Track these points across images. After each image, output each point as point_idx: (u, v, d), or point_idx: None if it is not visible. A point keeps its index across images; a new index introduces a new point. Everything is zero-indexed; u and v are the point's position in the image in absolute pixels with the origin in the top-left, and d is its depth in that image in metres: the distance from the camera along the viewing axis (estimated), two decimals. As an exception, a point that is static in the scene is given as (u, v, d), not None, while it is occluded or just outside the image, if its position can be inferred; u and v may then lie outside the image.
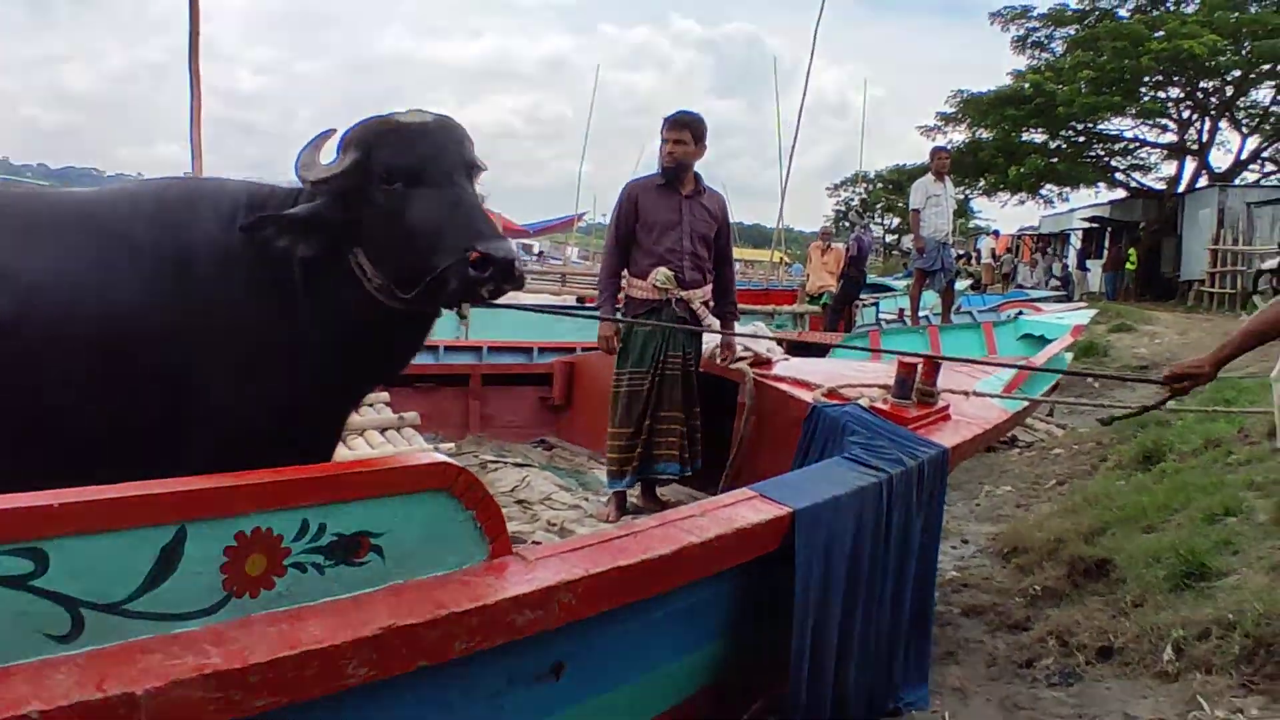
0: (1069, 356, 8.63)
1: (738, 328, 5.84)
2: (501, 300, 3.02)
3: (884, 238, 63.96)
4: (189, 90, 5.33)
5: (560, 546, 2.81)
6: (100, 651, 1.95)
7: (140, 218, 3.10)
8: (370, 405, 5.66)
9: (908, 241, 20.54)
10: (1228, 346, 3.28)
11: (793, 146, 14.08)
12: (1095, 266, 34.28)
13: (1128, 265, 30.28)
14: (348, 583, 2.31)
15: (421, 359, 6.50)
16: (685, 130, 5.27)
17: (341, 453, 4.87)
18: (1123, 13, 31.85)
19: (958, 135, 34.32)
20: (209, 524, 2.10)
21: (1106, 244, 34.82)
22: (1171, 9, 30.96)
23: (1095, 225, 36.33)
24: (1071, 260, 36.05)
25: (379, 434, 5.49)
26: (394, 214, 2.97)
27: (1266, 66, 28.53)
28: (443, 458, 2.53)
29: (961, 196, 38.40)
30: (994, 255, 37.05)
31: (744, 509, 3.25)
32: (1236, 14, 28.35)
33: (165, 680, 1.89)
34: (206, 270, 3.06)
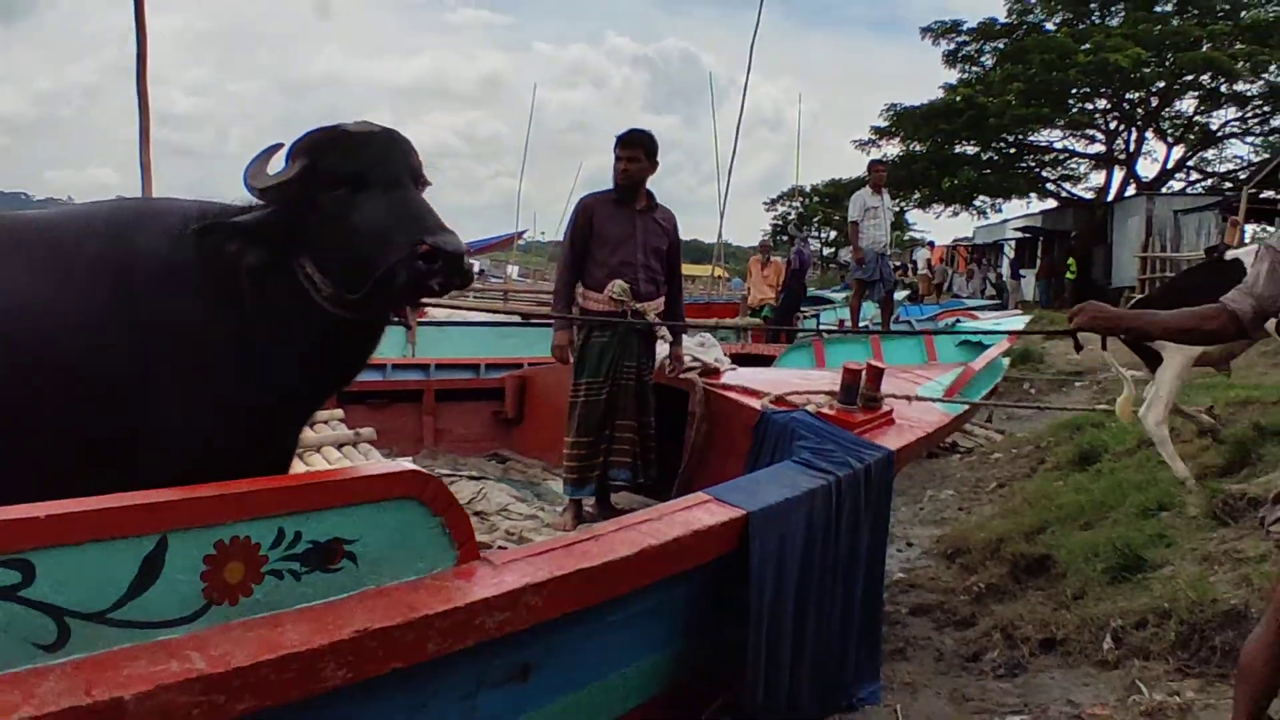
0: (1005, 361, 8.84)
1: (685, 340, 5.94)
2: (448, 303, 3.02)
3: (821, 251, 64.57)
4: (137, 113, 5.35)
5: (525, 551, 2.90)
6: (86, 659, 2.01)
7: (92, 235, 3.13)
8: (325, 422, 5.71)
9: (845, 254, 20.81)
10: (1141, 319, 3.40)
11: (731, 162, 14.34)
12: (1029, 275, 34.88)
13: (1068, 275, 30.79)
14: (323, 589, 2.38)
15: (371, 376, 6.60)
16: (638, 148, 5.40)
17: (298, 469, 4.92)
18: (1050, 26, 32.55)
19: (892, 149, 34.81)
20: (189, 534, 2.17)
21: (1039, 253, 35.44)
22: (1097, 22, 31.69)
23: (1028, 235, 36.93)
24: (1005, 270, 36.62)
25: (336, 450, 5.54)
26: (340, 218, 2.98)
27: (1189, 77, 29.30)
28: (412, 466, 2.61)
29: (897, 209, 38.94)
30: (930, 266, 37.55)
31: (700, 512, 3.36)
32: (1159, 27, 29.11)
33: (151, 685, 1.95)
34: (153, 285, 3.08)
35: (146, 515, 2.12)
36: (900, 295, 24.35)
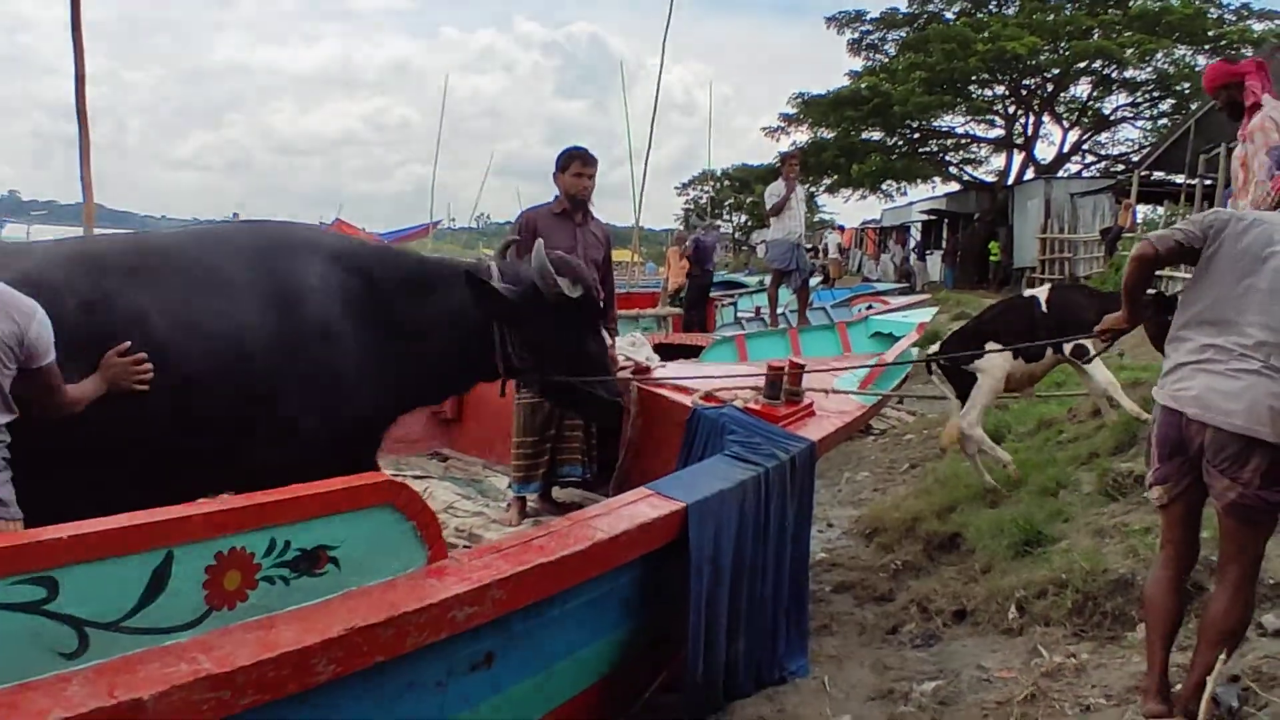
0: (915, 350, 9.23)
1: (616, 340, 6.16)
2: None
3: (734, 234, 65.08)
4: (78, 128, 5.43)
5: (488, 549, 3.15)
6: (106, 664, 2.23)
7: (243, 258, 3.71)
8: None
9: (757, 237, 21.08)
10: (1124, 306, 3.64)
11: (648, 148, 14.60)
12: (934, 257, 35.65)
13: (991, 258, 31.45)
14: (310, 592, 2.62)
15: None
16: (594, 167, 5.67)
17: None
18: (950, 16, 33.20)
19: (800, 135, 35.32)
20: (193, 547, 2.39)
21: (945, 235, 36.22)
22: (994, 12, 32.41)
23: (933, 217, 37.71)
24: (913, 252, 37.35)
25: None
26: (578, 339, 4.20)
27: (1082, 64, 30.12)
28: (388, 476, 2.85)
29: (808, 192, 39.49)
30: (840, 249, 38.18)
31: (643, 506, 3.63)
32: (1053, 16, 29.92)
33: (167, 685, 2.17)
34: (303, 303, 3.71)
35: (155, 532, 2.34)
36: (813, 281, 24.84)
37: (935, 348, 7.20)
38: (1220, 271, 3.19)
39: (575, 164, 5.62)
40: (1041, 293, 6.69)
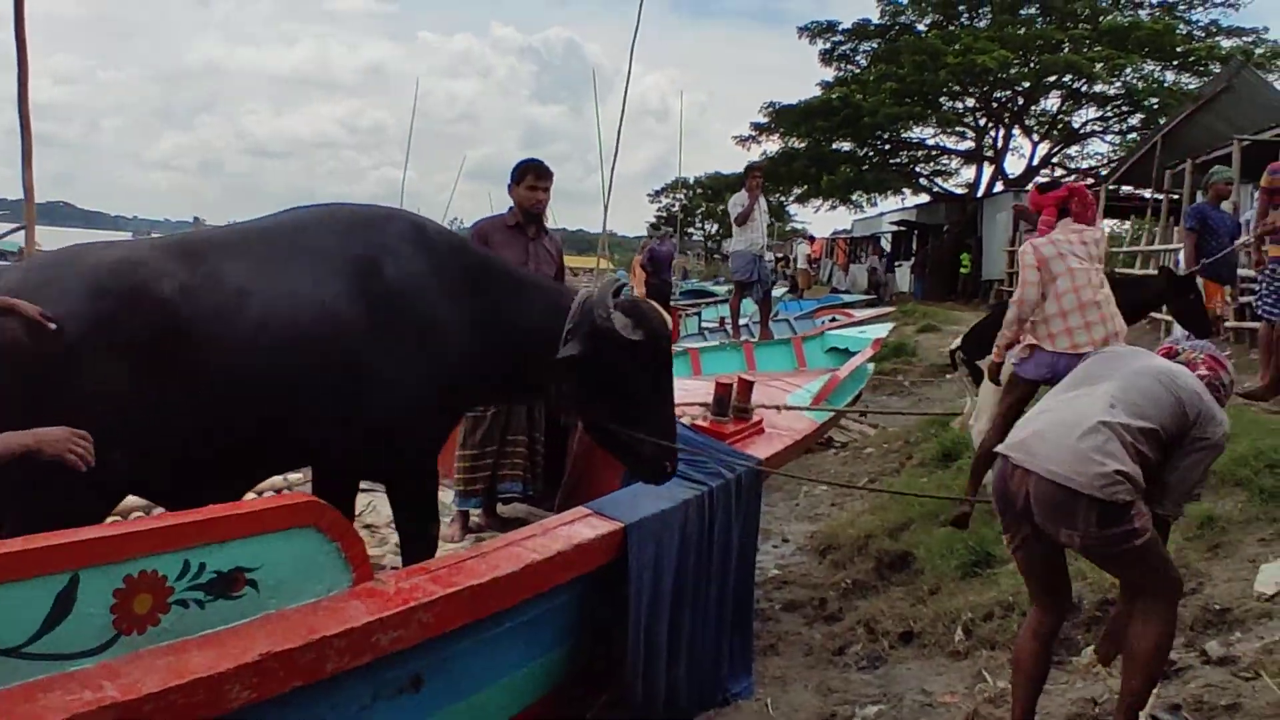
0: (871, 367, 9.22)
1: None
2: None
3: (705, 243, 65.19)
4: (19, 132, 5.34)
5: (416, 570, 3.10)
6: (4, 692, 2.15)
7: (335, 238, 3.83)
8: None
9: (728, 245, 21.08)
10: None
11: (615, 154, 14.54)
12: (903, 268, 35.78)
13: (962, 269, 31.60)
14: (226, 615, 2.55)
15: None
16: (549, 180, 5.63)
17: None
18: (921, 28, 33.33)
19: (771, 145, 35.42)
20: (100, 570, 2.32)
21: (914, 246, 36.36)
22: (966, 25, 32.61)
23: (903, 229, 37.87)
24: (875, 267, 37.44)
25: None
26: (636, 388, 4.06)
27: (1052, 78, 30.33)
28: (310, 497, 2.79)
29: (777, 202, 39.57)
30: (809, 260, 38.27)
31: (580, 526, 3.58)
32: (1023, 30, 30.12)
33: (67, 715, 2.11)
34: (392, 281, 3.82)
35: (60, 554, 2.26)
36: (780, 291, 24.87)
37: (958, 341, 6.98)
38: None
39: (529, 176, 5.56)
40: None
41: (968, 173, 35.82)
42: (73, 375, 3.17)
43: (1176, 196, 18.60)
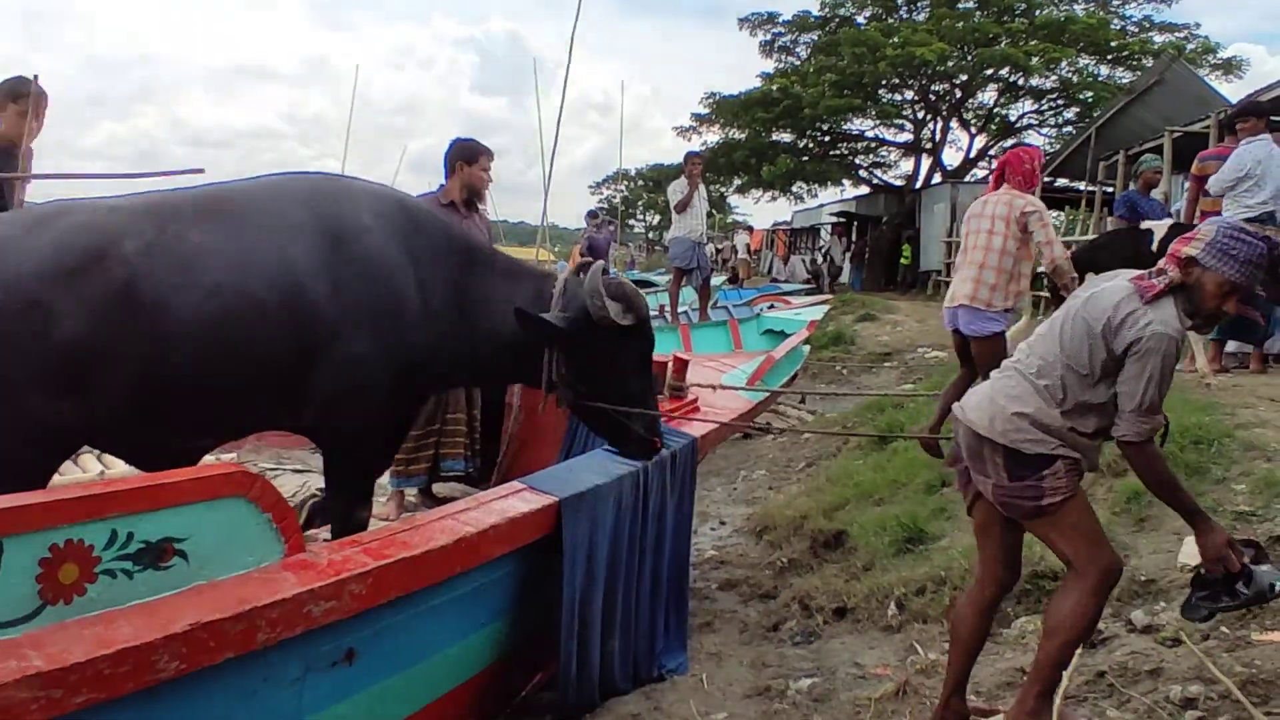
0: (806, 349, 9.28)
1: None
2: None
3: (647, 234, 65.24)
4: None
5: (348, 542, 3.08)
6: (-77, 662, 2.12)
7: (301, 207, 3.87)
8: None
9: (668, 236, 21.19)
10: None
11: (554, 145, 14.46)
12: (844, 258, 36.02)
13: (902, 260, 31.89)
14: (155, 586, 2.52)
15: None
16: (491, 160, 5.67)
17: (122, 468, 4.95)
18: (861, 20, 33.54)
19: (712, 136, 35.49)
20: (24, 539, 2.29)
21: (854, 237, 36.62)
22: (904, 18, 32.86)
23: (843, 220, 38.13)
24: (836, 252, 37.64)
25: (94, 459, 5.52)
26: (624, 370, 4.13)
27: (989, 71, 30.66)
28: (240, 466, 2.76)
29: (718, 193, 39.68)
30: (749, 250, 38.41)
31: (514, 500, 3.58)
32: (961, 23, 30.41)
33: (-9, 683, 2.08)
34: (356, 248, 3.86)
35: (-19, 522, 2.23)
36: (720, 280, 24.97)
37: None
38: None
39: (484, 158, 5.60)
40: (1160, 228, 6.62)
41: (906, 165, 36.14)
42: (34, 325, 3.34)
43: (1110, 188, 18.93)
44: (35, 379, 3.39)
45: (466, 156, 5.65)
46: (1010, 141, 34.85)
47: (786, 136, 34.10)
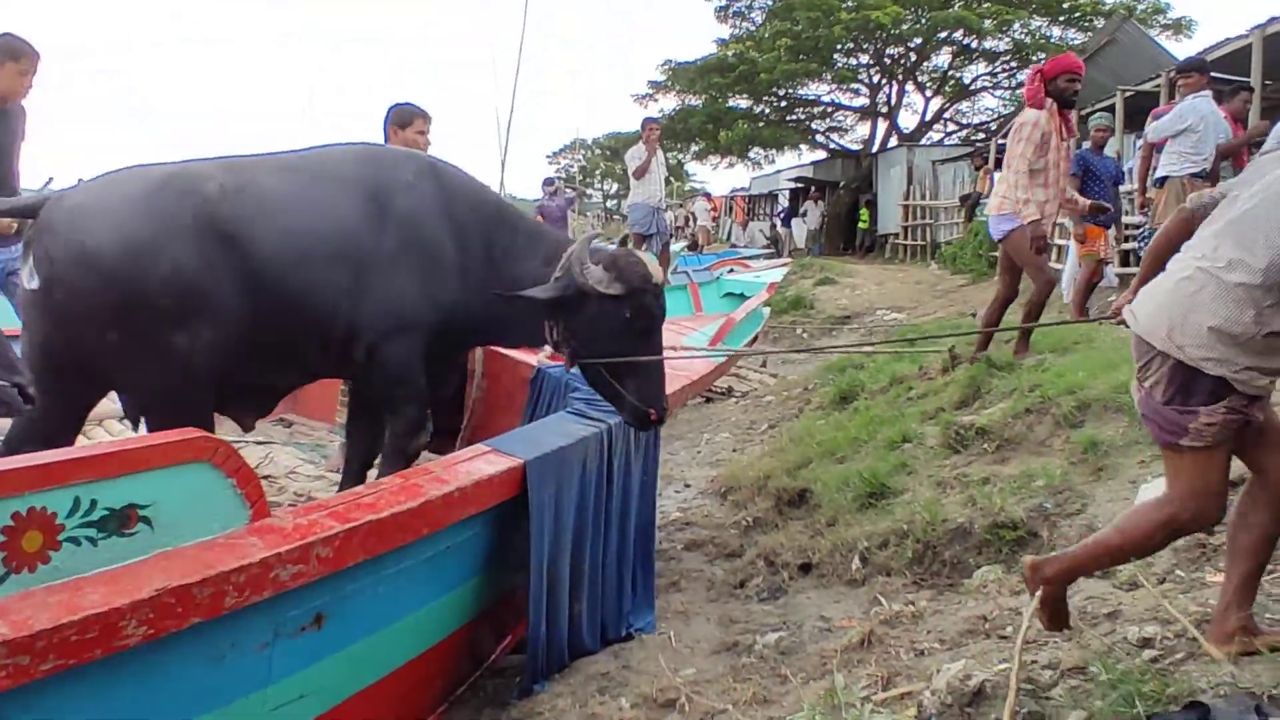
0: (766, 310, 9.33)
1: None
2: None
3: (605, 203, 65.10)
4: None
5: (314, 507, 3.07)
6: (-113, 632, 2.11)
7: (349, 165, 4.31)
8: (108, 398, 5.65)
9: (626, 204, 21.16)
10: (1141, 274, 3.15)
11: (510, 113, 14.29)
12: (800, 223, 36.11)
13: (860, 224, 32.03)
14: (120, 553, 2.51)
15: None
16: (429, 123, 5.67)
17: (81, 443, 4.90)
18: (815, -17, 33.60)
19: (668, 103, 35.44)
20: (-14, 506, 2.27)
21: (809, 201, 36.72)
22: (859, -20, 32.92)
23: (800, 185, 38.21)
24: (809, 217, 37.71)
25: (118, 422, 5.51)
26: (620, 338, 4.20)
27: (943, 34, 30.78)
28: (200, 431, 2.75)
29: (675, 160, 39.65)
30: (711, 216, 38.41)
31: (480, 462, 3.59)
32: (915, -15, 30.51)
33: (-46, 652, 2.07)
34: (398, 204, 4.25)
35: (-58, 490, 2.21)
36: (680, 246, 24.96)
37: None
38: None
39: (419, 121, 5.58)
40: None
41: (863, 129, 36.29)
42: (153, 267, 3.75)
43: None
44: (165, 315, 3.78)
45: (400, 121, 5.67)
46: (965, 104, 35.14)
47: (743, 102, 34.14)
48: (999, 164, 23.66)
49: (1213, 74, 9.28)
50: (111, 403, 5.70)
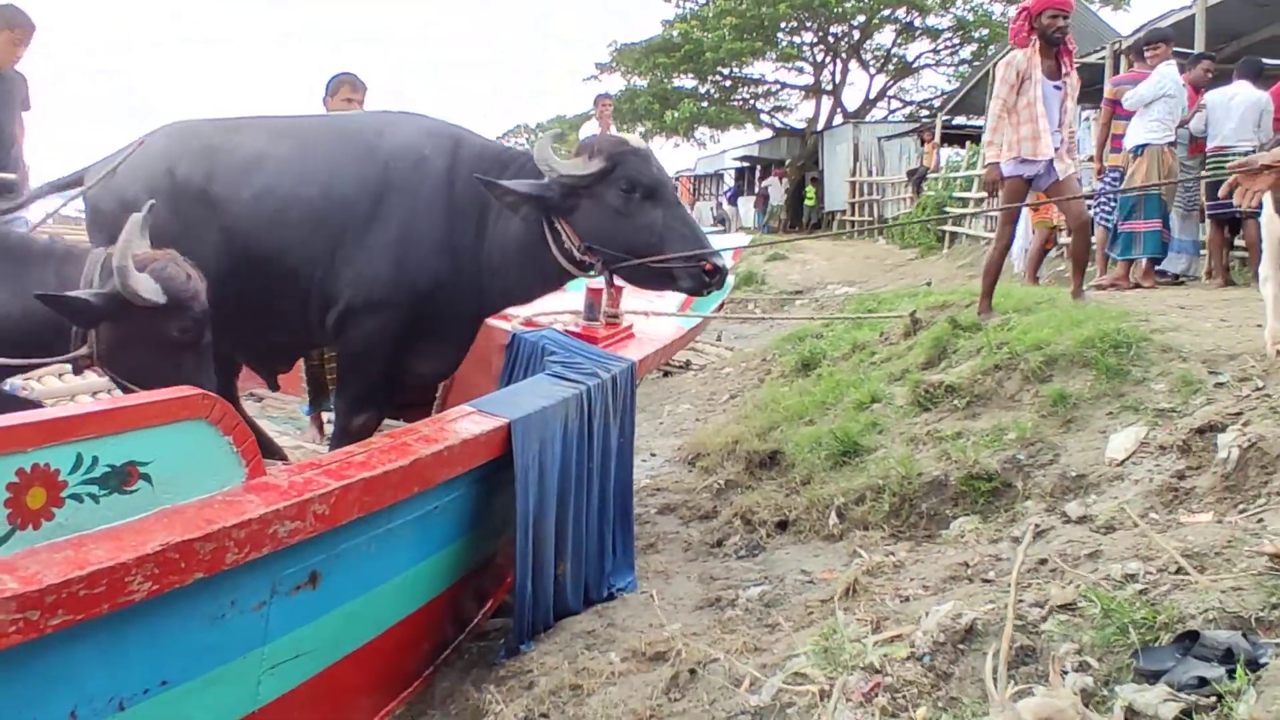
0: (732, 279, 9.35)
1: None
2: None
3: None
4: None
5: (307, 465, 3.07)
6: (-102, 588, 2.10)
7: (367, 133, 4.35)
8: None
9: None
10: None
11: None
12: (747, 202, 36.31)
13: (806, 202, 32.23)
14: (121, 510, 2.51)
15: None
16: (363, 92, 5.67)
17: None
18: (760, -38, 33.67)
19: (615, 84, 35.44)
20: (-9, 462, 2.26)
21: (757, 181, 36.89)
22: (804, -42, 33.05)
23: (746, 164, 38.38)
24: (772, 194, 37.80)
25: (89, 398, 5.46)
26: (631, 215, 4.03)
27: (887, 11, 31.03)
28: (198, 390, 2.74)
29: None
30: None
31: (465, 423, 3.60)
32: (858, -37, 30.72)
33: (-34, 607, 2.06)
34: (403, 171, 4.25)
35: (-54, 447, 2.20)
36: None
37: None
38: None
39: (344, 89, 5.62)
40: None
41: (808, 108, 36.47)
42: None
43: (1008, 122, 19.28)
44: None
45: (328, 90, 5.69)
46: (908, 81, 35.44)
47: (689, 82, 34.24)
48: (945, 139, 24.17)
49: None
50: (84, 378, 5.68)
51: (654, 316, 5.72)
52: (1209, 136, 8.89)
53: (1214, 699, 2.15)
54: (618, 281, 4.67)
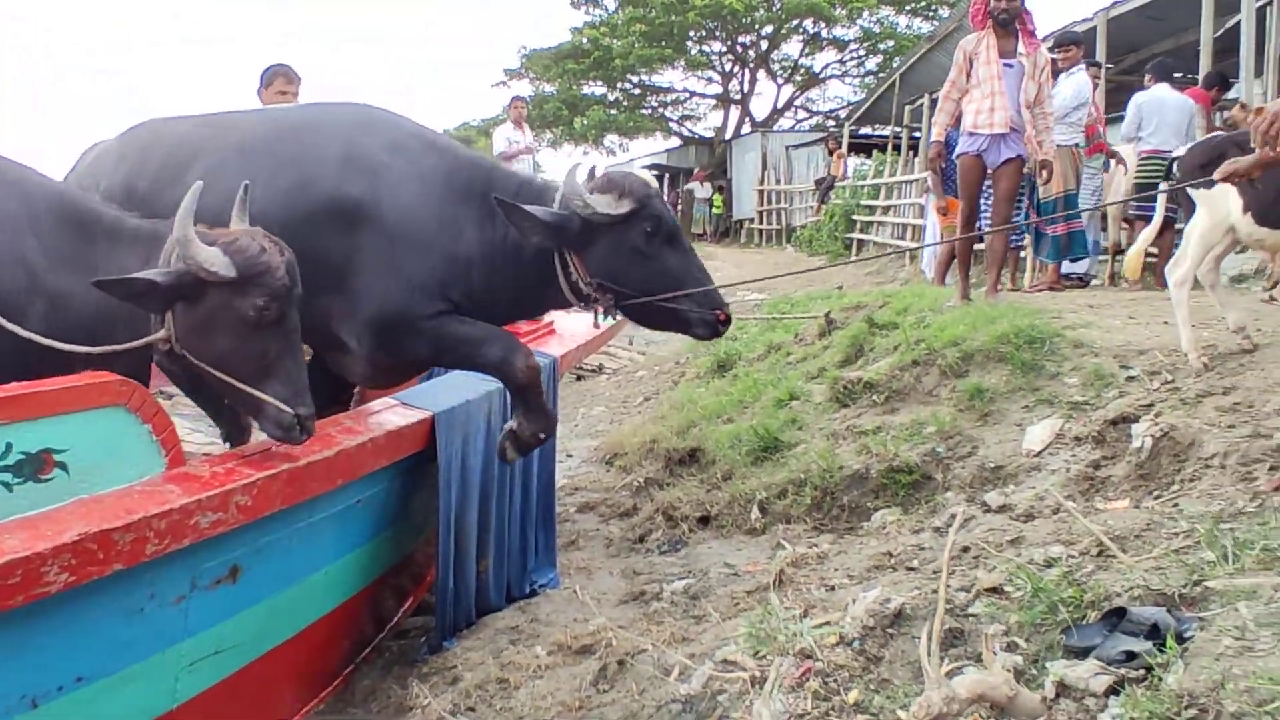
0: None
1: None
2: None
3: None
4: None
5: (229, 456, 3.01)
6: None
7: (336, 137, 3.92)
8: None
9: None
10: None
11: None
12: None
13: (714, 209, 32.38)
14: (36, 499, 2.42)
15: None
16: (297, 84, 5.59)
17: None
18: (668, -29, 33.87)
19: (523, 89, 35.33)
20: (-104, 449, 2.17)
21: (665, 190, 37.05)
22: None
23: (655, 173, 38.50)
24: (696, 196, 37.86)
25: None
26: (651, 257, 3.85)
27: (795, 22, 31.41)
28: (116, 375, 2.65)
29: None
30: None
31: (390, 415, 3.55)
32: (767, -27, 31.06)
33: (-128, 598, 1.98)
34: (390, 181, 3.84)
35: None
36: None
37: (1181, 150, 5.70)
38: None
39: (278, 80, 5.53)
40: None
41: (716, 117, 36.75)
42: None
43: (917, 132, 19.66)
44: None
45: (263, 81, 5.63)
46: (815, 92, 35.91)
47: (598, 89, 34.25)
48: (852, 148, 24.53)
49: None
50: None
51: (573, 313, 5.68)
52: (1141, 140, 9.06)
53: (1143, 671, 2.19)
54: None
